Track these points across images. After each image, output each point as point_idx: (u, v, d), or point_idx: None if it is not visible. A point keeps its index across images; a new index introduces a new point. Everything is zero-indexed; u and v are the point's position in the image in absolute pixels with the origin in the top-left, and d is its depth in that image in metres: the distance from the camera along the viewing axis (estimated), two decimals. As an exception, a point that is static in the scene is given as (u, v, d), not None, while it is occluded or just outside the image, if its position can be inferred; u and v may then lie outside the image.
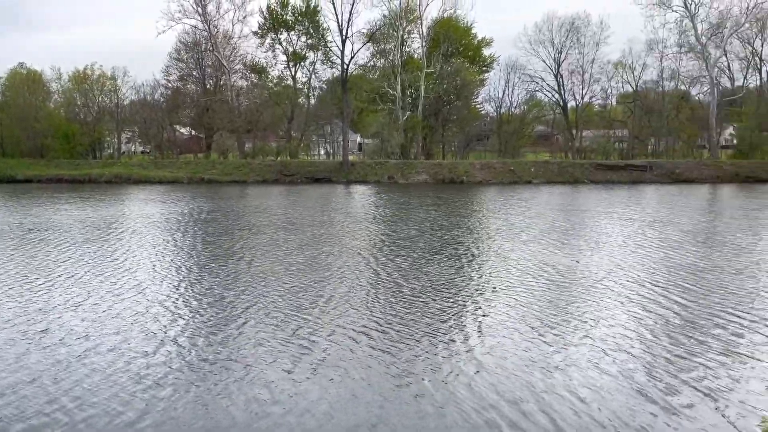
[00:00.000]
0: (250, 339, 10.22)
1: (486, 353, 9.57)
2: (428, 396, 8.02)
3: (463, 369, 8.94)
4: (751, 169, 52.65)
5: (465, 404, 7.79)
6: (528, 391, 8.19)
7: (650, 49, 64.61)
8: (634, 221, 25.63)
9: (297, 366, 9.04)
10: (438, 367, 9.00)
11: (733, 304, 12.24)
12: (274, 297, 12.89)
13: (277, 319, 11.33)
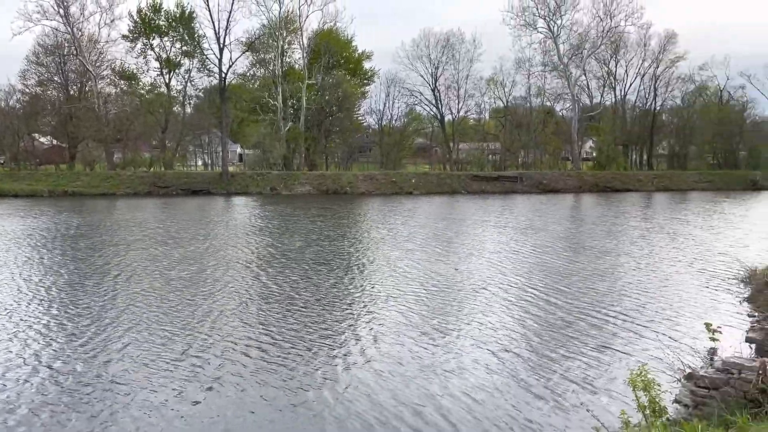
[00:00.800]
0: (135, 360, 9.58)
1: (383, 361, 9.66)
2: (329, 409, 7.95)
3: (362, 379, 8.96)
4: (608, 180, 57.64)
5: (367, 415, 7.80)
6: (426, 396, 8.36)
7: (519, 67, 68.94)
8: (510, 229, 27.13)
9: (189, 386, 8.61)
10: (336, 379, 8.96)
11: (602, 304, 13.30)
12: (159, 315, 12.19)
13: (164, 338, 10.73)
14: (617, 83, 70.40)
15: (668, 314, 12.43)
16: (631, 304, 13.32)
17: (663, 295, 14.24)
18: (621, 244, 22.50)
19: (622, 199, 46.24)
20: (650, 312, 12.60)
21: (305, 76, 60.47)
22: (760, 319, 9.28)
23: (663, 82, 69.01)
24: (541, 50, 66.55)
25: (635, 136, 69.67)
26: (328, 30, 63.89)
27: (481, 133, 71.67)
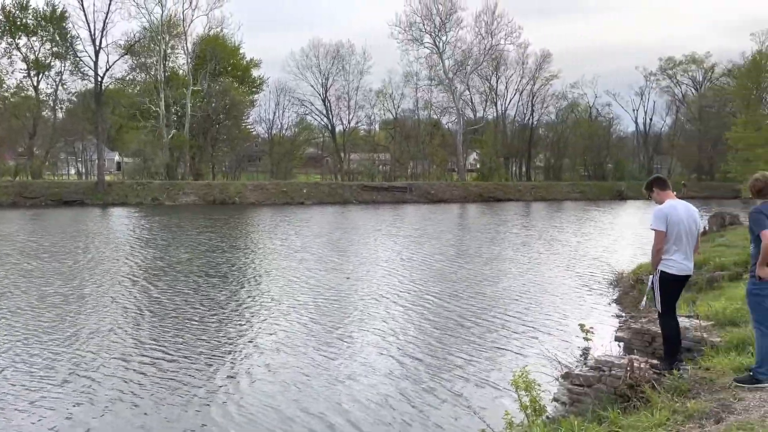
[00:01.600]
0: (15, 385, 8.75)
1: (286, 373, 9.52)
2: (233, 424, 7.69)
3: (267, 391, 8.77)
4: (491, 190, 60.39)
5: (275, 428, 7.60)
6: (333, 405, 8.32)
7: (407, 80, 70.73)
8: (402, 237, 27.60)
9: (80, 410, 7.95)
10: (238, 392, 8.72)
11: (490, 308, 13.82)
12: (39, 334, 11.22)
13: (48, 359, 9.92)
14: (498, 99, 74.23)
15: (548, 316, 13.14)
16: (515, 307, 13.95)
17: (543, 298, 15.04)
18: (505, 250, 23.55)
19: (504, 209, 48.57)
20: (533, 314, 13.27)
21: (190, 81, 58.34)
22: (626, 319, 10.01)
23: (539, 98, 73.68)
24: (428, 65, 68.80)
25: (515, 149, 73.64)
26: (214, 36, 62.16)
27: (371, 144, 72.66)
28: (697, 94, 76.16)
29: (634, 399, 5.83)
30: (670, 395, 5.47)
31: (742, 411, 4.82)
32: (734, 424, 4.58)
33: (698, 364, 6.23)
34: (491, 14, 67.37)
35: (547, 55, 71.49)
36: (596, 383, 6.42)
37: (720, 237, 18.63)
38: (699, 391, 5.53)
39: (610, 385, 6.27)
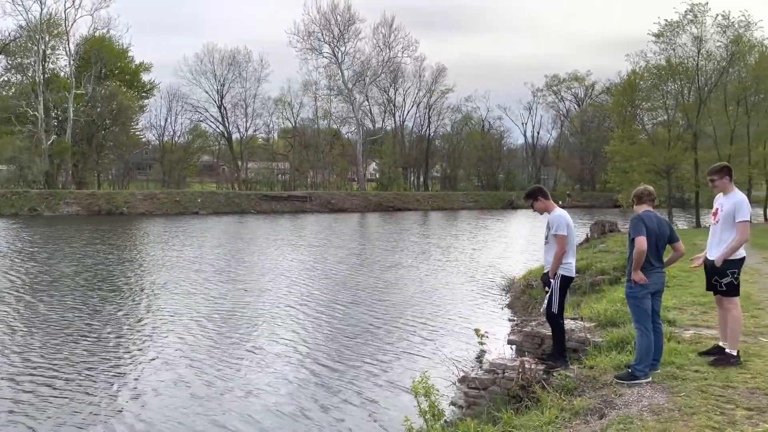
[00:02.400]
0: None
1: (191, 386, 9.12)
2: None
3: (172, 405, 8.38)
4: (390, 199, 61.26)
5: None
6: (241, 415, 8.08)
7: (306, 89, 70.44)
8: (303, 247, 27.29)
9: None
10: (144, 409, 8.21)
11: (391, 315, 13.92)
12: None
13: None
14: (396, 110, 75.62)
15: (447, 321, 13.44)
16: (416, 313, 14.15)
17: (442, 304, 15.38)
18: (405, 258, 23.91)
19: (403, 218, 49.41)
20: (433, 320, 13.52)
21: (72, 84, 54.77)
22: (517, 323, 10.44)
23: (435, 110, 75.85)
24: (327, 75, 68.89)
25: (413, 160, 75.25)
26: (99, 37, 58.81)
27: (270, 153, 71.60)
28: (579, 110, 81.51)
29: (526, 399, 6.05)
30: (559, 394, 5.73)
31: (622, 406, 5.13)
32: (615, 418, 4.86)
33: (583, 363, 6.58)
34: (389, 27, 68.74)
35: (442, 69, 73.92)
36: (491, 386, 6.62)
37: (601, 243, 19.94)
38: (584, 389, 5.83)
39: (504, 387, 6.49)
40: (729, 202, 5.96)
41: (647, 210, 5.82)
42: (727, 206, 5.95)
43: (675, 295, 9.56)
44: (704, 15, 34.42)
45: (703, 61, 35.55)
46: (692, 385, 5.38)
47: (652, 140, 38.14)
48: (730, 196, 6.00)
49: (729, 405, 4.87)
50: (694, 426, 4.47)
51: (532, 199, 6.52)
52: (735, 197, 5.96)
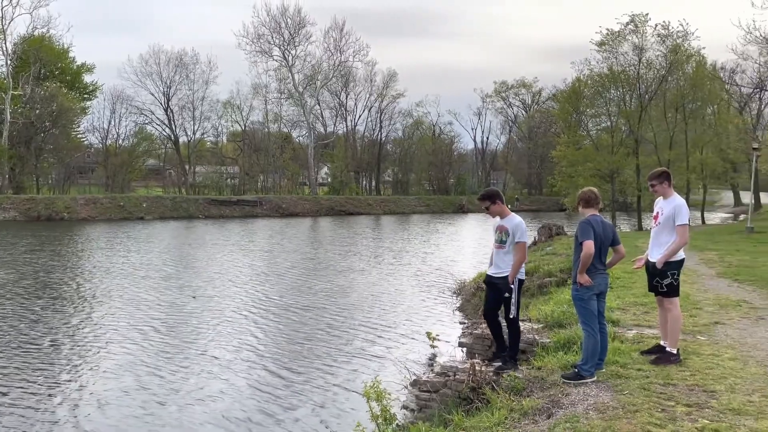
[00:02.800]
0: None
1: (136, 396, 8.82)
2: None
3: (116, 416, 8.12)
4: (342, 204, 61.11)
5: None
6: (187, 425, 7.90)
7: (256, 92, 69.55)
8: (254, 252, 26.89)
9: None
10: (87, 420, 7.91)
11: (344, 319, 13.84)
12: None
13: None
14: (348, 114, 75.57)
15: (400, 325, 13.50)
16: (369, 318, 14.16)
17: (394, 308, 15.42)
18: (357, 262, 23.87)
19: (355, 222, 49.37)
20: (385, 324, 13.53)
21: (9, 85, 52.54)
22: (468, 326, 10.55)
23: (387, 115, 76.12)
24: (277, 78, 68.25)
25: (365, 164, 75.31)
26: (39, 36, 56.66)
27: (218, 157, 70.40)
28: (527, 116, 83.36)
29: (477, 401, 6.12)
30: (508, 395, 5.82)
31: (569, 405, 5.24)
32: (562, 417, 4.96)
33: (531, 364, 6.71)
34: (340, 31, 68.66)
35: (393, 74, 74.29)
36: (442, 388, 6.67)
37: (548, 246, 20.40)
38: (532, 389, 5.93)
39: (455, 389, 6.54)
40: (669, 206, 6.17)
41: (594, 214, 5.96)
42: (667, 210, 6.15)
43: (618, 296, 9.86)
44: (644, 25, 35.77)
45: (643, 70, 36.90)
46: (635, 383, 5.55)
47: (597, 146, 39.34)
48: (670, 200, 6.22)
49: (670, 402, 5.04)
50: (637, 423, 4.61)
51: (489, 201, 6.49)
52: (674, 201, 6.18)
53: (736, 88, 50.58)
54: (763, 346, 6.76)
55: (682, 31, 35.94)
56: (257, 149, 69.41)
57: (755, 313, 8.61)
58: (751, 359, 6.25)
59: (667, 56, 36.34)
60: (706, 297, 9.90)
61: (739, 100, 54.14)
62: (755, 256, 15.44)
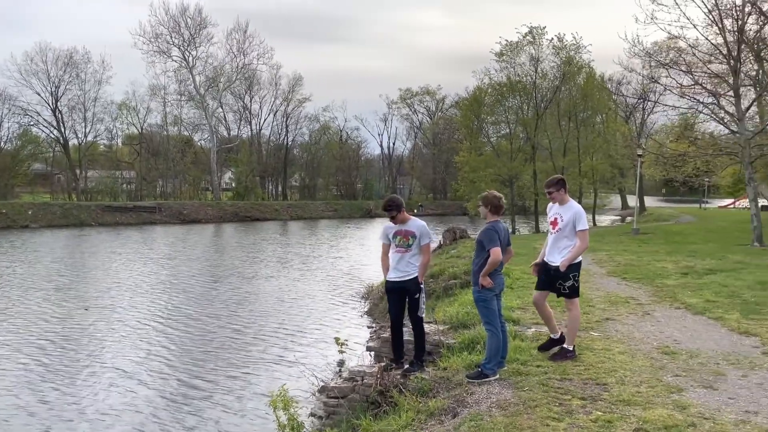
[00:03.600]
0: None
1: (20, 414, 8.18)
2: None
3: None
4: (247, 209, 59.72)
5: None
6: None
7: (153, 93, 66.57)
8: (153, 261, 25.68)
9: None
10: None
11: (252, 327, 13.49)
12: None
13: None
14: (253, 118, 74.11)
15: (308, 332, 13.36)
16: (276, 325, 13.93)
17: (303, 314, 15.24)
18: (264, 269, 23.41)
19: (262, 228, 48.42)
20: (293, 331, 13.36)
21: None
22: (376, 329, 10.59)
23: (293, 119, 75.34)
24: (177, 79, 65.76)
25: (271, 168, 74.11)
26: None
27: (113, 161, 66.78)
28: (432, 122, 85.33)
29: (384, 404, 6.13)
30: (415, 397, 5.87)
31: (473, 404, 5.36)
32: (467, 416, 5.06)
33: (437, 365, 6.82)
34: (243, 33, 67.19)
35: (299, 78, 73.64)
36: (350, 393, 6.63)
37: (453, 249, 20.93)
38: (438, 389, 6.02)
39: (363, 394, 6.53)
40: (568, 212, 6.40)
41: (497, 220, 6.12)
42: (566, 216, 6.39)
43: (519, 296, 10.25)
44: (541, 37, 37.68)
45: (539, 80, 38.83)
46: (534, 379, 5.77)
47: (497, 152, 40.95)
48: (567, 206, 6.47)
49: (566, 396, 5.28)
50: (537, 418, 4.79)
51: (396, 211, 6.54)
52: (573, 208, 6.44)
53: (623, 99, 54.37)
54: (649, 340, 7.25)
55: (575, 44, 38.19)
56: (155, 153, 66.49)
57: (641, 308, 9.23)
58: (638, 352, 6.68)
59: (561, 67, 38.46)
60: (598, 295, 10.50)
61: (625, 110, 58.23)
62: (640, 256, 16.58)
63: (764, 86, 22.88)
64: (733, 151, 22.33)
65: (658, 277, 12.33)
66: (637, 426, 4.52)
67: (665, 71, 23.42)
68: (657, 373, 5.89)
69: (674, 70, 22.60)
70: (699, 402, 5.04)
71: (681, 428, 4.45)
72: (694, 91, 22.48)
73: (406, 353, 6.89)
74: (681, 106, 26.02)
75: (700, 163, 25.10)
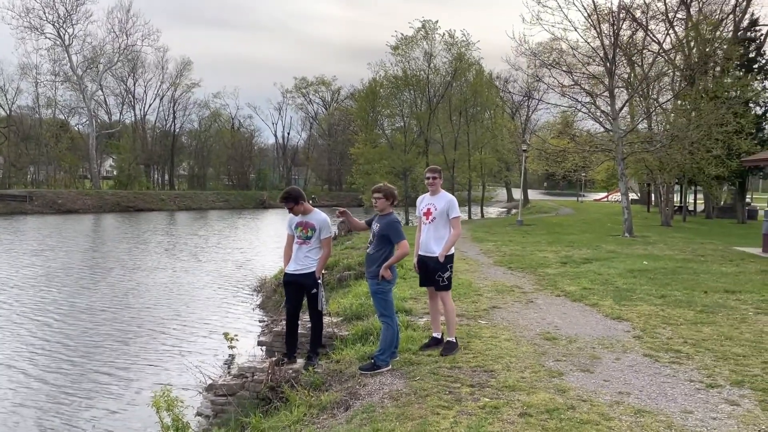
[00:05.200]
0: None
1: None
2: None
3: None
4: (130, 199, 56.52)
5: None
6: None
7: (24, 73, 61.26)
8: (21, 253, 23.56)
9: None
10: None
11: (135, 322, 12.72)
12: None
13: None
14: (137, 102, 70.22)
15: (196, 327, 12.81)
16: (162, 320, 13.26)
17: (190, 309, 14.61)
18: (147, 261, 22.21)
19: (146, 219, 46.03)
20: (180, 326, 12.76)
21: None
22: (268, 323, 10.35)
23: (181, 105, 72.14)
24: (51, 58, 60.91)
25: (157, 156, 70.61)
26: None
27: (-23, 145, 60.74)
28: (327, 113, 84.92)
29: (276, 400, 5.97)
30: (307, 391, 5.76)
31: (366, 395, 5.34)
32: (360, 408, 5.03)
33: (330, 357, 6.74)
34: (125, 12, 63.38)
35: (187, 62, 70.65)
36: (240, 390, 6.40)
37: (348, 241, 20.95)
38: (331, 382, 5.95)
39: (253, 390, 6.32)
40: (441, 201, 6.43)
41: (392, 212, 6.12)
42: (440, 205, 6.40)
43: (411, 287, 10.38)
44: (434, 32, 38.49)
45: (432, 75, 39.70)
46: (426, 368, 5.84)
47: (392, 144, 41.44)
48: (440, 196, 6.49)
49: (456, 384, 5.39)
50: (427, 407, 4.84)
51: (294, 202, 6.34)
52: (446, 197, 6.49)
53: (509, 96, 56.90)
54: (532, 327, 7.58)
55: (465, 41, 39.37)
56: (26, 137, 61.22)
57: (525, 296, 9.67)
58: (523, 339, 6.96)
59: (453, 63, 39.54)
60: (486, 284, 10.88)
61: (511, 107, 60.99)
62: (525, 246, 17.42)
63: (635, 88, 24.76)
64: (608, 147, 24.00)
65: (540, 266, 12.99)
66: (522, 411, 4.69)
67: (548, 71, 24.72)
68: (539, 358, 6.16)
69: (556, 70, 23.91)
70: (577, 385, 5.32)
71: (561, 411, 4.67)
72: (574, 91, 23.93)
73: (299, 347, 6.75)
74: (562, 104, 27.70)
75: (579, 159, 26.74)
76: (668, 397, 5.07)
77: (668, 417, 4.63)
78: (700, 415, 4.68)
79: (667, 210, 30.25)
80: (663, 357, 6.23)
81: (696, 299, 9.26)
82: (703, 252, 16.05)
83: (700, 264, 13.50)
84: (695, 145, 23.53)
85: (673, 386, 5.34)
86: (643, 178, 38.00)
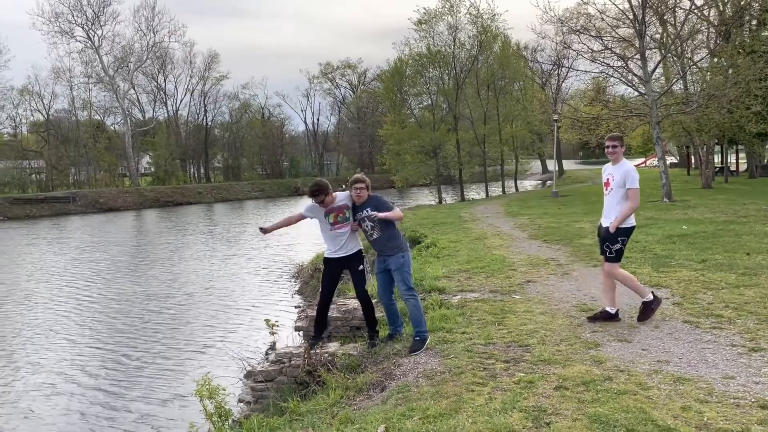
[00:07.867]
0: None
1: None
2: None
3: None
4: (169, 194, 57.61)
5: None
6: None
7: (58, 77, 62.71)
8: (70, 251, 24.34)
9: None
10: None
11: (181, 313, 13.03)
12: None
13: None
14: (168, 98, 71.23)
15: (238, 315, 13.06)
16: (204, 310, 13.56)
17: (232, 298, 14.89)
18: (188, 253, 22.68)
19: (185, 212, 46.94)
20: (224, 316, 13.03)
21: None
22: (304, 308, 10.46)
23: (211, 98, 72.92)
24: (83, 61, 62.17)
25: (191, 150, 71.68)
26: None
27: (18, 150, 62.65)
28: (355, 96, 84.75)
29: (313, 384, 6.07)
30: (343, 374, 5.83)
31: (400, 376, 5.37)
32: (395, 388, 5.07)
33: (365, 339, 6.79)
34: (151, 10, 64.09)
35: (215, 55, 71.26)
36: (278, 376, 6.51)
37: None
38: (366, 364, 6.01)
39: (291, 375, 6.42)
40: (619, 171, 6.21)
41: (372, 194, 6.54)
42: (617, 175, 6.19)
43: (445, 265, 10.37)
44: (459, 5, 37.89)
45: (457, 50, 39.15)
46: (460, 346, 5.84)
47: (420, 123, 41.17)
48: (620, 165, 6.27)
49: (490, 360, 5.37)
50: (462, 384, 4.84)
51: (323, 194, 6.46)
52: (624, 166, 6.23)
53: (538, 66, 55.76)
54: (567, 299, 7.49)
55: (490, 12, 38.66)
56: (65, 140, 62.87)
57: (561, 269, 9.54)
58: (558, 312, 6.89)
59: (478, 36, 38.89)
60: (520, 258, 10.77)
61: (541, 77, 59.77)
62: (560, 218, 17.17)
63: (668, 48, 23.97)
64: (642, 112, 23.36)
65: (576, 238, 12.79)
66: (557, 384, 4.65)
67: (576, 37, 24.11)
68: (575, 330, 6.09)
69: (585, 36, 23.31)
70: (615, 356, 5.24)
71: (598, 382, 4.61)
72: (605, 56, 23.30)
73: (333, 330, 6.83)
74: (593, 71, 27.00)
75: (613, 125, 26.10)
76: (709, 364, 4.96)
77: (709, 384, 4.54)
78: (742, 380, 4.57)
79: (708, 172, 29.37)
80: (704, 323, 6.08)
81: (738, 262, 9.00)
82: (745, 213, 15.56)
83: (743, 225, 13.09)
84: (734, 102, 22.69)
85: (714, 352, 5.22)
86: (681, 141, 36.92)
